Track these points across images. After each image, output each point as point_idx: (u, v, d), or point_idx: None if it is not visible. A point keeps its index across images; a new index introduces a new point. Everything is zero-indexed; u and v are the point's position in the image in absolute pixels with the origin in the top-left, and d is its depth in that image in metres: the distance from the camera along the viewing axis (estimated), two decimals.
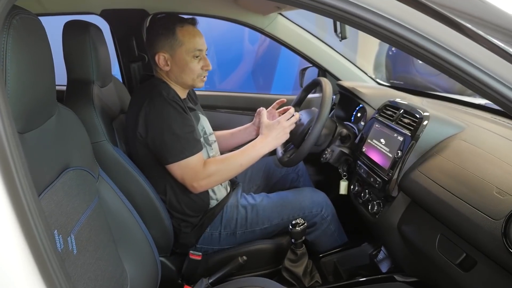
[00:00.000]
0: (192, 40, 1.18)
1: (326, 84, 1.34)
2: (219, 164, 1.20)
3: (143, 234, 1.00)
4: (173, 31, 1.16)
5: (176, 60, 1.19)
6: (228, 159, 1.23)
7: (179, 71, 1.21)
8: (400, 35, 0.58)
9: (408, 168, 1.02)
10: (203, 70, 1.22)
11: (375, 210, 1.13)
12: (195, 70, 1.21)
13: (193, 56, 1.19)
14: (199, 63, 1.21)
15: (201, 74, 1.23)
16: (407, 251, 1.05)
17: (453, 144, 0.99)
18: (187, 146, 1.14)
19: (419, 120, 1.06)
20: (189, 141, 1.15)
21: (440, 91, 3.74)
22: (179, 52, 1.18)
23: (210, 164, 1.19)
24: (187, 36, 1.17)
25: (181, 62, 1.19)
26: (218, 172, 1.19)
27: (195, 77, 1.22)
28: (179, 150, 1.14)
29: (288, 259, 1.22)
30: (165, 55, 1.19)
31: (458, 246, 0.83)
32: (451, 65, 0.58)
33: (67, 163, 0.79)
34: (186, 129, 1.15)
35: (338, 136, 1.39)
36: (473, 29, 0.58)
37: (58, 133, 0.78)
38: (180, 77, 1.22)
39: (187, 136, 1.15)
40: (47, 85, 0.71)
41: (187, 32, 1.18)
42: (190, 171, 1.16)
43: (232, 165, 1.22)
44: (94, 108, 1.10)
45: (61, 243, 0.69)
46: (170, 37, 1.17)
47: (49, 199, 0.69)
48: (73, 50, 1.12)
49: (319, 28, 1.92)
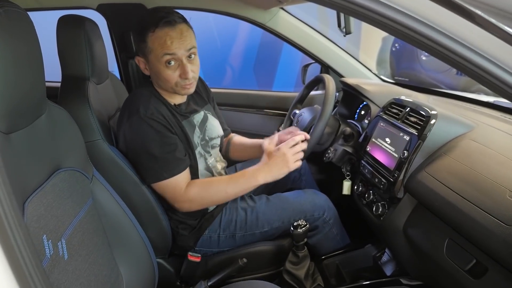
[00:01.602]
0: (162, 45, 1.03)
1: (329, 81, 1.30)
2: (201, 189, 1.13)
3: (139, 235, 0.97)
4: (144, 36, 1.06)
5: (151, 66, 1.09)
6: (213, 184, 1.15)
7: (157, 78, 1.11)
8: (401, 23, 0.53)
9: (415, 169, 0.98)
10: (181, 79, 1.08)
11: (379, 212, 1.09)
12: (170, 79, 1.08)
13: (165, 63, 1.05)
14: (175, 72, 1.07)
15: (180, 83, 1.09)
16: (413, 254, 1.01)
17: (462, 144, 0.95)
18: (165, 167, 1.08)
19: (426, 118, 1.02)
20: (169, 161, 1.08)
21: (445, 88, 3.70)
22: (151, 59, 1.07)
23: (192, 187, 1.12)
24: (156, 42, 1.04)
25: (155, 69, 1.08)
26: (199, 196, 1.13)
27: (173, 85, 1.09)
28: (156, 171, 1.08)
29: (289, 262, 1.19)
30: (142, 60, 1.12)
31: (467, 251, 0.80)
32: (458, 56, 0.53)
33: (58, 164, 0.76)
34: (165, 148, 1.08)
35: (341, 135, 1.35)
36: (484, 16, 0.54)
37: (48, 132, 0.74)
38: (161, 83, 1.12)
39: (167, 156, 1.08)
40: (35, 82, 0.67)
41: (157, 38, 1.03)
42: (169, 192, 1.12)
43: (216, 191, 1.13)
44: (89, 105, 1.06)
45: (51, 248, 0.66)
46: (142, 44, 1.07)
47: (38, 202, 0.66)
48: (68, 45, 1.09)
49: (321, 23, 1.88)
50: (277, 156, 1.11)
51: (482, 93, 3.38)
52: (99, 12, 1.58)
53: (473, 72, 0.52)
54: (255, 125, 1.81)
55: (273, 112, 1.86)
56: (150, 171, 1.10)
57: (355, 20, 1.40)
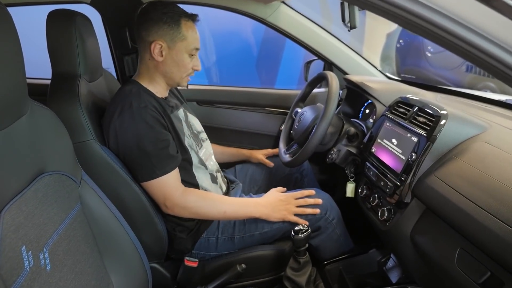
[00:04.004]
0: (195, 38, 1.13)
1: (332, 78, 1.24)
2: (200, 199, 1.13)
3: (130, 241, 0.92)
4: (178, 22, 1.09)
5: (174, 53, 1.11)
6: (213, 199, 1.15)
7: (172, 65, 1.13)
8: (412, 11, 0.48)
9: (424, 172, 0.93)
10: (192, 70, 1.17)
11: (385, 217, 1.04)
12: (187, 68, 1.15)
13: (190, 54, 1.13)
14: (191, 62, 1.15)
15: (190, 74, 1.18)
16: (421, 262, 0.95)
17: (474, 146, 0.89)
18: (159, 164, 1.06)
19: (436, 119, 0.96)
20: (162, 158, 1.06)
21: (450, 85, 3.63)
22: (179, 46, 1.11)
23: (191, 194, 1.12)
24: (190, 32, 1.12)
25: (177, 57, 1.12)
26: (196, 205, 1.12)
27: (184, 75, 1.16)
28: (150, 169, 1.06)
29: (290, 268, 1.14)
30: (162, 45, 1.10)
31: (481, 263, 0.74)
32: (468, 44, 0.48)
33: (41, 168, 0.71)
34: (158, 145, 1.06)
35: (345, 135, 1.29)
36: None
37: (30, 135, 0.69)
38: (171, 72, 1.14)
39: (159, 153, 1.06)
40: (14, 81, 0.62)
41: (191, 29, 1.12)
42: (162, 191, 1.09)
43: (214, 207, 1.14)
44: (80, 104, 1.01)
45: (30, 260, 0.61)
46: (174, 28, 1.09)
47: (17, 210, 0.61)
48: (58, 41, 1.04)
49: (324, 18, 1.82)
50: (283, 202, 1.18)
51: (489, 90, 3.31)
52: (93, 6, 1.52)
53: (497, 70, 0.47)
54: (256, 124, 1.75)
55: (274, 111, 1.80)
56: (142, 168, 1.07)
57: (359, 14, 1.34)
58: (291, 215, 1.16)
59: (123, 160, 1.08)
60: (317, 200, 1.19)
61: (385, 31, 4.45)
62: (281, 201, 1.18)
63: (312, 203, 1.19)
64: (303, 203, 1.18)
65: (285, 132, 1.50)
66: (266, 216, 1.16)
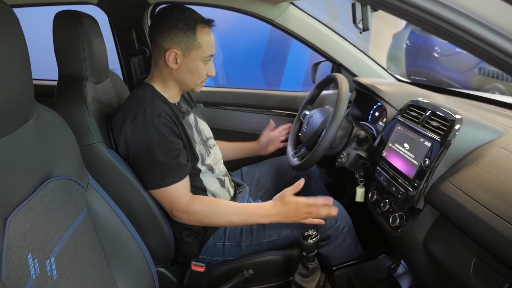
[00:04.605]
0: (210, 45, 1.11)
1: (342, 81, 1.22)
2: (207, 208, 1.11)
3: (137, 246, 0.91)
4: (194, 29, 1.07)
5: (188, 61, 1.10)
6: (220, 207, 1.12)
7: (187, 72, 1.12)
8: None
9: (437, 178, 0.90)
10: (206, 76, 1.16)
11: (397, 224, 1.01)
12: (202, 75, 1.14)
13: (205, 61, 1.12)
14: (205, 69, 1.14)
15: (204, 80, 1.17)
16: (434, 271, 0.93)
17: (490, 152, 0.86)
18: (169, 173, 1.05)
19: (450, 123, 0.93)
20: (173, 167, 1.05)
21: (459, 87, 3.58)
22: (194, 53, 1.09)
23: (198, 202, 1.10)
24: (206, 39, 1.09)
25: (192, 64, 1.11)
26: (202, 214, 1.10)
27: (199, 82, 1.16)
28: (159, 177, 1.05)
29: (298, 274, 1.12)
30: (177, 52, 1.08)
31: (499, 273, 0.71)
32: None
33: (48, 173, 0.69)
34: (170, 154, 1.04)
35: (354, 138, 1.27)
36: None
37: (37, 139, 0.68)
38: (185, 79, 1.14)
39: (171, 162, 1.05)
40: (21, 85, 0.60)
41: (206, 35, 1.10)
42: (170, 199, 1.08)
43: (221, 215, 1.12)
44: (87, 106, 1.00)
45: (37, 268, 0.59)
46: (190, 36, 1.07)
47: (23, 217, 0.59)
48: (64, 43, 1.03)
49: (330, 17, 1.79)
50: (293, 208, 1.10)
51: (497, 91, 3.26)
52: (100, 7, 1.51)
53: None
54: (263, 126, 1.73)
55: (281, 113, 1.78)
56: (152, 176, 1.06)
57: None
58: (302, 219, 1.11)
59: (132, 166, 1.07)
60: (330, 212, 1.11)
61: (391, 32, 4.42)
62: (291, 209, 1.10)
63: (325, 216, 1.11)
64: (315, 214, 1.10)
65: (293, 134, 1.48)
66: (276, 222, 1.12)
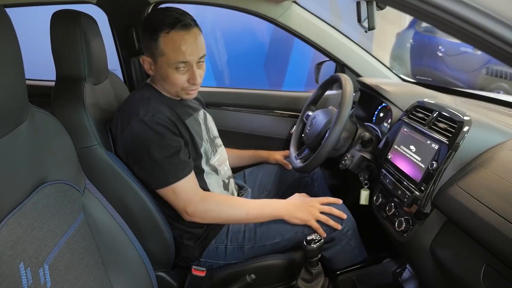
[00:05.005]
0: (175, 51, 0.99)
1: (346, 81, 1.19)
2: (221, 202, 1.11)
3: (135, 251, 0.89)
4: (155, 37, 1.00)
5: (158, 68, 1.05)
6: (234, 202, 1.14)
7: (161, 80, 1.08)
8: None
9: (445, 182, 0.87)
10: (189, 84, 1.06)
11: (403, 228, 0.98)
12: (178, 83, 1.05)
13: (175, 68, 1.02)
14: (183, 75, 1.04)
15: (186, 88, 1.07)
16: (441, 276, 0.90)
17: (500, 155, 0.83)
18: (170, 171, 1.02)
19: (458, 125, 0.90)
20: (174, 165, 1.02)
21: (464, 87, 3.54)
22: (160, 61, 1.03)
23: (210, 198, 1.10)
24: (170, 46, 0.99)
25: (162, 72, 1.04)
26: (218, 209, 1.10)
27: (179, 89, 1.07)
28: (161, 176, 1.02)
29: (302, 279, 1.09)
30: (148, 59, 1.06)
31: (510, 282, 0.69)
32: None
33: (42, 177, 0.67)
34: (168, 151, 1.01)
35: (359, 140, 1.24)
36: None
37: (30, 143, 0.65)
38: (164, 86, 1.09)
39: (169, 160, 1.02)
40: (13, 87, 0.58)
41: (171, 41, 0.99)
42: (179, 197, 1.05)
43: (236, 209, 1.12)
44: (85, 108, 0.98)
45: (29, 278, 0.57)
46: (152, 43, 1.01)
47: (15, 224, 0.57)
48: (62, 43, 1.01)
49: (335, 17, 1.77)
50: (306, 205, 1.13)
51: (502, 91, 3.21)
52: (99, 6, 1.49)
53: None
54: (266, 127, 1.70)
55: (284, 113, 1.75)
56: (154, 176, 1.04)
57: None
58: (313, 220, 1.12)
59: (133, 169, 1.06)
60: (341, 214, 1.14)
61: (395, 31, 4.38)
62: (305, 202, 1.14)
63: (337, 215, 1.14)
64: (327, 210, 1.13)
65: (296, 136, 1.45)
66: (289, 216, 1.12)
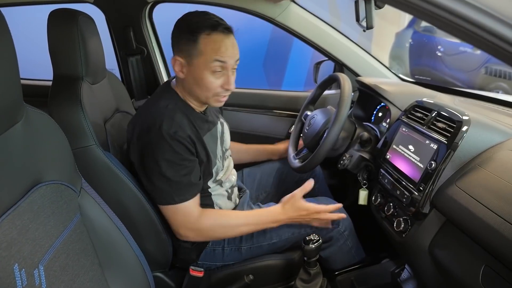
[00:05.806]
0: (215, 51, 0.96)
1: (344, 80, 1.19)
2: (216, 224, 1.08)
3: (132, 252, 0.88)
4: (195, 38, 0.96)
5: (192, 70, 0.99)
6: (229, 222, 1.09)
7: (193, 83, 1.01)
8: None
9: (444, 182, 0.87)
10: (222, 89, 1.02)
11: (401, 228, 0.98)
12: (211, 87, 1.00)
13: (212, 71, 0.98)
14: (218, 80, 1.00)
15: (219, 94, 1.02)
16: (440, 277, 0.90)
17: (499, 155, 0.83)
18: (178, 191, 1.00)
19: (457, 125, 0.90)
20: (183, 185, 1.00)
21: (463, 86, 3.54)
22: (197, 62, 0.98)
23: (207, 218, 1.06)
24: (210, 46, 0.96)
25: (196, 74, 0.99)
26: (211, 230, 1.08)
27: (210, 95, 1.02)
28: (168, 194, 1.01)
29: (300, 279, 1.09)
30: (181, 61, 1.00)
31: (509, 283, 0.68)
32: None
33: (37, 178, 0.66)
34: (181, 171, 0.99)
35: (357, 139, 1.24)
36: None
37: (25, 143, 0.65)
38: (193, 90, 1.03)
39: (181, 180, 1.00)
40: (7, 86, 0.57)
41: (212, 42, 0.96)
42: (177, 217, 1.04)
43: (230, 227, 1.09)
44: (82, 107, 0.97)
45: (24, 279, 0.56)
46: (191, 44, 0.97)
47: (9, 225, 0.56)
48: (59, 42, 1.00)
49: (333, 16, 1.76)
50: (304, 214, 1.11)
51: (501, 90, 3.21)
52: (97, 6, 1.48)
53: None
54: (264, 127, 1.70)
55: (283, 113, 1.74)
56: (160, 192, 1.02)
57: None
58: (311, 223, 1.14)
59: (142, 177, 1.04)
60: (340, 215, 1.14)
61: (394, 31, 4.38)
62: (302, 215, 1.11)
63: (336, 219, 1.14)
64: (323, 217, 1.12)
65: (295, 136, 1.45)
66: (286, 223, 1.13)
